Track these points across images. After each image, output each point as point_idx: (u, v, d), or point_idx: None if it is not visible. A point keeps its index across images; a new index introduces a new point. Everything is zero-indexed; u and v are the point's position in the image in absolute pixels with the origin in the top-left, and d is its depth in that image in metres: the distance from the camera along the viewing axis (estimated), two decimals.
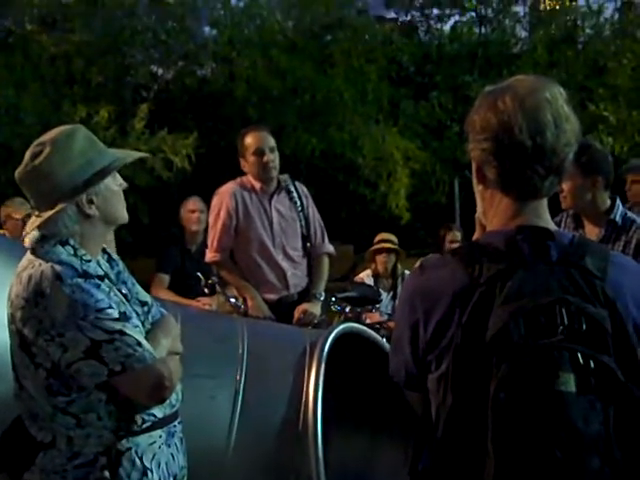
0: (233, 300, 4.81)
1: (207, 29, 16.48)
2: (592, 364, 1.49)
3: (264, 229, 4.62)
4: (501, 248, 1.62)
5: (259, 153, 4.52)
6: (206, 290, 5.52)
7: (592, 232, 3.65)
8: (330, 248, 4.88)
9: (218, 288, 5.32)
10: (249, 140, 4.56)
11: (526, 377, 1.48)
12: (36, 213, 2.13)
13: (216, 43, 15.67)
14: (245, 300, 4.58)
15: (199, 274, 5.45)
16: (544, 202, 1.71)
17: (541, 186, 1.66)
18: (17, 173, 2.13)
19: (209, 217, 4.83)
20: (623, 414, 1.51)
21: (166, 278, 5.92)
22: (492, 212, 1.73)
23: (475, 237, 1.88)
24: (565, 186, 3.52)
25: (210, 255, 4.73)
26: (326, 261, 4.84)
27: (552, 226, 1.70)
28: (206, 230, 5.09)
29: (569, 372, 1.48)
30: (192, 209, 6.04)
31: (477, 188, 1.76)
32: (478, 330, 1.54)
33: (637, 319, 1.62)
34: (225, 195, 4.62)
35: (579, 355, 1.49)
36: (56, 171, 2.08)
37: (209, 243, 4.74)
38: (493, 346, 1.51)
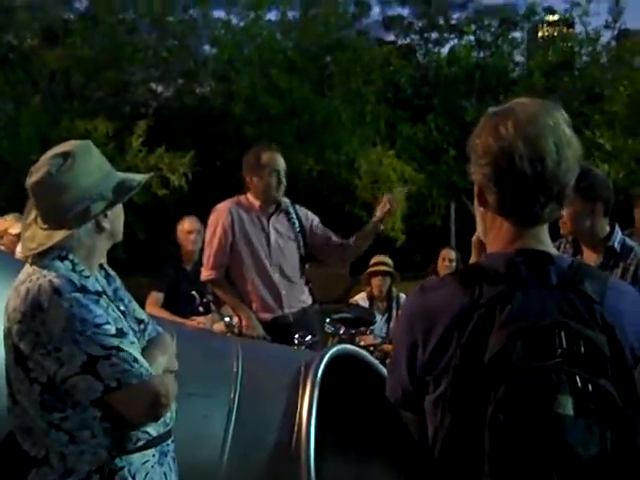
0: (228, 319, 4.79)
1: (207, 48, 16.62)
2: (590, 388, 1.50)
3: (261, 247, 4.61)
4: (501, 270, 1.62)
5: (276, 174, 4.52)
6: (201, 309, 5.51)
7: (590, 258, 3.64)
8: None
9: (213, 307, 5.32)
10: (266, 158, 4.55)
11: (524, 399, 1.48)
12: (43, 226, 2.10)
13: (216, 62, 15.75)
14: (240, 319, 4.57)
15: (194, 293, 5.44)
16: (545, 227, 1.72)
17: (541, 213, 1.66)
18: (33, 184, 2.10)
19: (205, 234, 4.82)
20: (620, 438, 1.52)
21: (160, 296, 5.89)
22: (493, 234, 1.73)
23: (472, 260, 1.88)
24: (565, 212, 3.52)
25: (206, 273, 4.71)
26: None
27: (552, 250, 1.70)
28: (202, 250, 5.07)
29: (567, 395, 1.48)
30: (189, 230, 6.03)
31: (478, 210, 1.76)
32: (477, 352, 1.54)
33: (634, 344, 1.63)
34: (222, 212, 4.62)
35: (577, 378, 1.49)
36: (81, 186, 2.07)
37: (205, 261, 4.73)
38: (492, 368, 1.51)
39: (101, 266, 2.23)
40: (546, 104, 1.70)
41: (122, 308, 2.17)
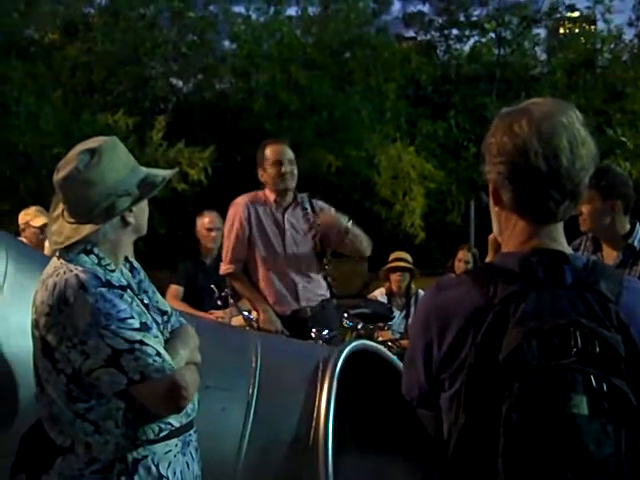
0: (246, 313, 4.80)
1: (227, 43, 16.65)
2: (605, 387, 1.49)
3: (277, 241, 4.63)
4: (515, 270, 1.62)
5: (277, 164, 4.55)
6: (219, 302, 5.52)
7: (610, 256, 3.63)
8: None
9: (231, 300, 5.33)
10: (268, 151, 4.60)
11: (539, 398, 1.48)
12: (70, 220, 2.13)
13: (235, 57, 15.78)
14: (258, 313, 4.59)
15: (212, 286, 5.45)
16: (559, 225, 1.71)
17: (556, 210, 1.66)
18: (60, 180, 2.12)
19: (224, 228, 4.85)
20: (634, 437, 1.51)
21: (180, 290, 5.92)
22: (507, 233, 1.73)
23: (488, 259, 1.88)
24: (584, 209, 3.51)
25: (224, 267, 4.74)
26: None
27: (567, 249, 1.70)
28: (221, 245, 5.09)
29: (582, 394, 1.48)
30: (209, 226, 6.04)
31: (493, 209, 1.76)
32: (492, 350, 1.54)
33: None
34: (239, 207, 4.65)
35: (592, 378, 1.49)
36: (108, 181, 2.09)
37: (223, 255, 4.75)
38: (506, 366, 1.51)
39: (126, 259, 2.26)
40: (560, 103, 1.70)
41: (146, 301, 2.19)
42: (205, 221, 6.08)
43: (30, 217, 6.12)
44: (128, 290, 2.10)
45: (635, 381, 1.52)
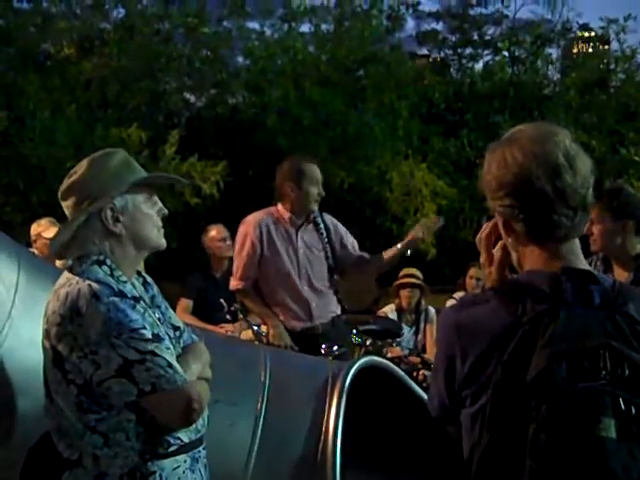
0: (255, 327, 4.81)
1: (240, 59, 16.73)
2: (634, 410, 1.49)
3: (289, 259, 4.62)
4: (544, 288, 1.61)
5: (316, 185, 4.56)
6: (228, 317, 5.53)
7: (621, 276, 3.62)
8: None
9: (241, 315, 5.34)
10: (310, 170, 4.58)
11: (567, 420, 1.47)
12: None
13: (249, 72, 15.84)
14: (268, 328, 4.59)
15: (222, 301, 5.46)
16: (577, 243, 1.71)
17: (571, 226, 1.66)
18: (59, 192, 2.17)
19: (235, 245, 4.85)
20: None
21: (190, 303, 5.94)
22: (528, 261, 1.71)
23: (482, 260, 1.86)
24: (595, 229, 3.51)
25: (234, 283, 4.74)
26: None
27: (590, 268, 1.70)
28: (232, 258, 5.11)
29: (610, 417, 1.47)
30: (218, 237, 6.06)
31: (508, 241, 1.75)
32: (519, 369, 1.53)
33: None
34: (250, 225, 4.63)
35: (621, 401, 1.48)
36: (85, 185, 2.12)
37: (234, 271, 4.75)
38: (534, 387, 1.50)
39: (139, 273, 2.26)
40: (544, 125, 1.73)
41: (158, 315, 2.19)
42: (214, 234, 6.10)
43: (42, 228, 6.16)
44: (141, 302, 2.11)
45: None
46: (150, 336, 2.01)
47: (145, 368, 1.96)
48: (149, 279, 2.31)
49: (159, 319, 2.17)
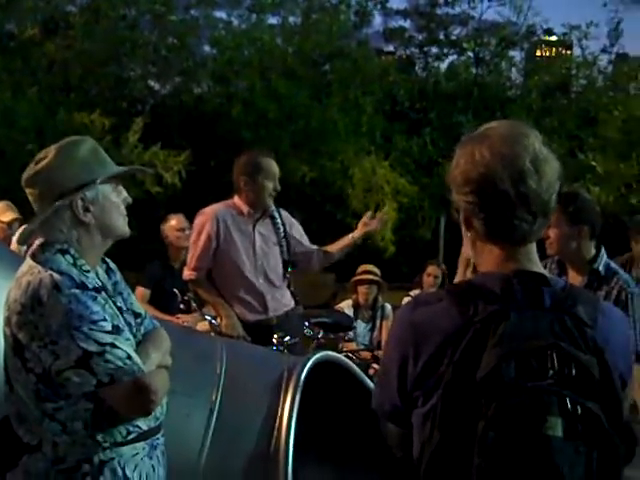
0: (211, 319, 4.82)
1: (207, 48, 16.61)
2: (579, 410, 1.52)
3: (246, 252, 4.64)
4: (496, 290, 1.65)
5: (274, 180, 4.57)
6: (182, 306, 5.54)
7: (575, 280, 3.69)
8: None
9: (194, 305, 5.34)
10: (267, 165, 4.59)
11: (515, 419, 1.51)
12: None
13: (215, 62, 15.74)
14: (220, 318, 4.60)
15: (175, 290, 5.47)
16: (534, 247, 1.75)
17: (530, 231, 1.69)
18: (23, 177, 2.17)
19: (191, 235, 4.85)
20: (605, 460, 1.55)
21: (147, 292, 5.92)
22: (483, 258, 1.75)
23: (458, 278, 1.91)
24: (552, 233, 3.58)
25: (187, 273, 4.76)
26: None
27: (543, 270, 1.73)
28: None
29: (557, 417, 1.51)
30: (178, 227, 6.04)
31: (466, 235, 1.78)
32: (469, 369, 1.56)
33: (622, 368, 1.67)
34: (208, 217, 4.64)
35: (568, 400, 1.52)
36: (54, 175, 2.11)
37: (187, 261, 4.77)
38: (484, 385, 1.54)
39: (103, 259, 2.27)
40: (517, 125, 1.74)
41: (119, 303, 2.20)
42: (173, 224, 6.08)
43: (0, 212, 6.08)
44: (102, 292, 2.11)
45: (608, 404, 1.56)
46: (110, 328, 2.02)
47: (104, 360, 1.98)
48: (112, 265, 2.32)
49: (120, 307, 2.18)
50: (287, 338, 4.55)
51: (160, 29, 15.72)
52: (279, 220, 4.77)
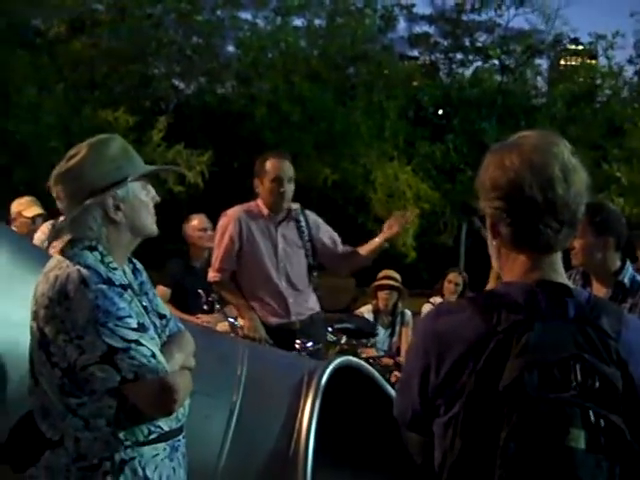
0: (232, 320, 4.80)
1: (231, 49, 16.68)
2: (602, 423, 1.50)
3: (268, 255, 4.59)
4: (519, 300, 1.62)
5: (277, 182, 4.47)
6: (205, 307, 5.52)
7: (599, 291, 3.65)
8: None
9: (217, 306, 5.33)
10: (270, 166, 4.51)
11: (537, 430, 1.49)
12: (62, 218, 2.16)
13: (240, 63, 15.80)
14: (243, 320, 4.59)
15: (200, 291, 5.45)
16: (559, 256, 1.72)
17: (555, 240, 1.67)
18: (53, 175, 2.16)
19: (215, 237, 4.83)
20: (628, 474, 1.52)
21: (168, 291, 5.91)
22: (508, 267, 1.73)
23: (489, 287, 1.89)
24: (577, 244, 3.54)
25: (212, 275, 4.73)
26: None
27: (567, 281, 1.71)
28: (212, 248, 5.09)
29: (580, 429, 1.49)
30: (199, 227, 6.04)
31: (492, 243, 1.77)
32: (492, 378, 1.54)
33: None
34: (230, 219, 4.60)
35: (590, 413, 1.50)
36: (86, 172, 2.11)
37: (212, 263, 4.74)
38: (506, 395, 1.52)
39: (130, 259, 2.26)
40: (548, 135, 1.72)
41: (145, 303, 2.19)
42: (195, 223, 6.07)
43: (23, 207, 6.10)
44: (129, 290, 2.11)
45: (631, 418, 1.53)
46: (136, 325, 2.01)
47: (129, 356, 1.97)
48: (139, 265, 2.31)
49: (146, 307, 2.17)
50: (310, 344, 4.51)
51: (185, 29, 15.81)
52: (303, 223, 4.72)
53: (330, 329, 5.10)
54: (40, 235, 5.61)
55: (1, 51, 13.40)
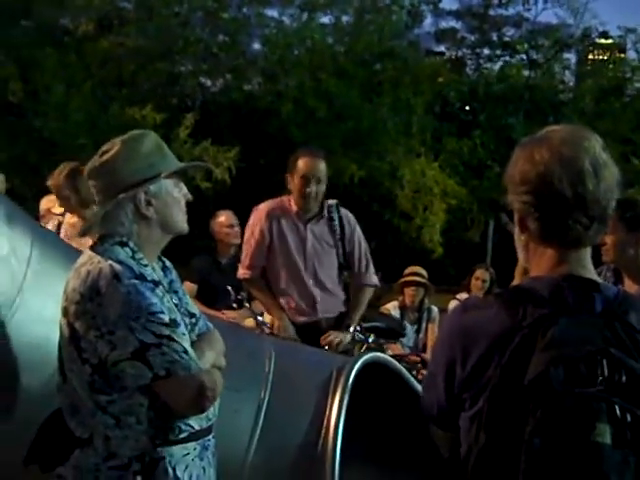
0: (260, 318, 4.80)
1: (258, 46, 16.70)
2: (629, 418, 1.49)
3: (297, 251, 4.55)
4: (545, 294, 1.62)
5: (304, 181, 4.43)
6: (235, 305, 5.53)
7: (631, 288, 3.61)
8: (374, 280, 4.73)
9: (246, 303, 5.33)
10: (301, 163, 4.45)
11: (562, 425, 1.48)
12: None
13: (266, 60, 15.82)
14: (273, 319, 4.57)
15: (229, 288, 5.46)
16: (588, 252, 1.71)
17: (585, 235, 1.65)
18: (86, 169, 2.17)
19: (245, 233, 4.82)
20: None
21: (194, 287, 5.94)
22: (535, 261, 1.72)
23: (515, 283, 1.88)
24: (608, 240, 3.51)
25: (241, 272, 4.70)
26: (366, 292, 4.69)
27: (596, 277, 1.70)
28: (239, 245, 5.09)
29: (606, 424, 1.47)
30: (227, 223, 6.06)
31: (520, 238, 1.76)
32: (517, 373, 1.54)
33: None
34: (261, 215, 4.57)
35: (617, 407, 1.48)
36: (119, 167, 2.12)
37: (242, 259, 4.71)
38: (531, 390, 1.51)
39: (159, 257, 2.27)
40: (579, 129, 1.71)
41: (175, 301, 2.19)
42: (222, 220, 6.10)
43: (52, 204, 6.15)
44: (160, 286, 2.11)
45: None
46: (167, 321, 2.00)
47: (161, 352, 1.96)
48: (168, 264, 2.31)
49: (176, 305, 2.17)
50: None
51: (212, 27, 15.86)
52: (337, 222, 4.65)
53: (359, 328, 5.06)
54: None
55: (30, 50, 13.54)
